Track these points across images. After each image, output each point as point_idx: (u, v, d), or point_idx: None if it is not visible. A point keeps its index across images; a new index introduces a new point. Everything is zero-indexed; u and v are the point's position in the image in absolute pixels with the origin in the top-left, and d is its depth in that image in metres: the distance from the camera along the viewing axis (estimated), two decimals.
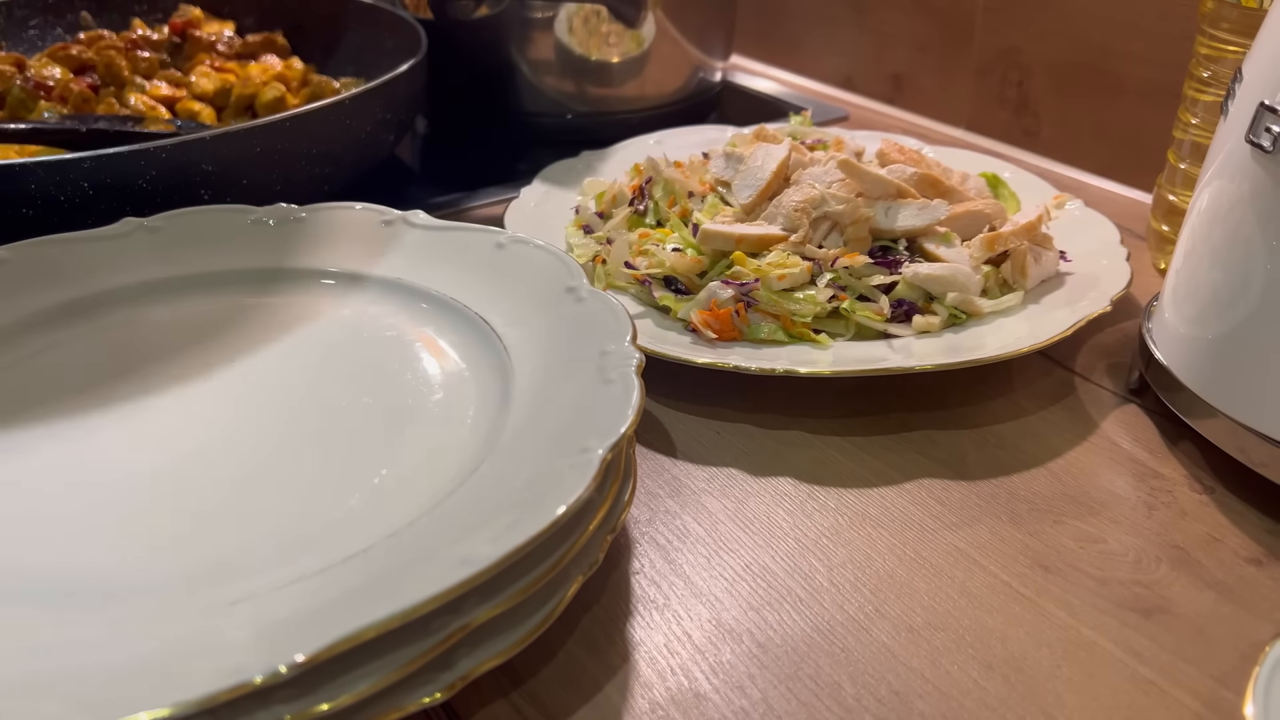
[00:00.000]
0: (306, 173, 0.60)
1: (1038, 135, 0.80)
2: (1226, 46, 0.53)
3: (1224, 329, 0.42)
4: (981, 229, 0.55)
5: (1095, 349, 0.54)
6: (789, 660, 0.35)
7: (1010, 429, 0.47)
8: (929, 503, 0.42)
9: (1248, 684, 0.31)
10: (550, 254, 0.47)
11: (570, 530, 0.33)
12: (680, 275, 0.52)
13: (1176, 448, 0.46)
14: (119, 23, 0.83)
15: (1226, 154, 0.42)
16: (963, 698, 0.33)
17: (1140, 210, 0.68)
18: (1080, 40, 0.75)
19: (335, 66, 0.81)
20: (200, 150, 0.54)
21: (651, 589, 0.38)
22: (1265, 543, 0.40)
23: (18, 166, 0.50)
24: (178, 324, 0.46)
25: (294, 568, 0.32)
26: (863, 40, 0.92)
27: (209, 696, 0.25)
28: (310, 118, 0.58)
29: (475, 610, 0.30)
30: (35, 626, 0.30)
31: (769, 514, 0.42)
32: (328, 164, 0.61)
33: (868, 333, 0.50)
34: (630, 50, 0.78)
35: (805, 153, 0.58)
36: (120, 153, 0.52)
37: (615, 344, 0.39)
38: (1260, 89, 0.40)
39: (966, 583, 0.38)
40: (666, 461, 0.45)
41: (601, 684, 0.34)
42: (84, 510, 0.36)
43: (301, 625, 0.28)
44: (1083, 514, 0.42)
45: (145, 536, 0.34)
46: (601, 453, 0.33)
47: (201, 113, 0.71)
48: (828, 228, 0.53)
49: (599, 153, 0.69)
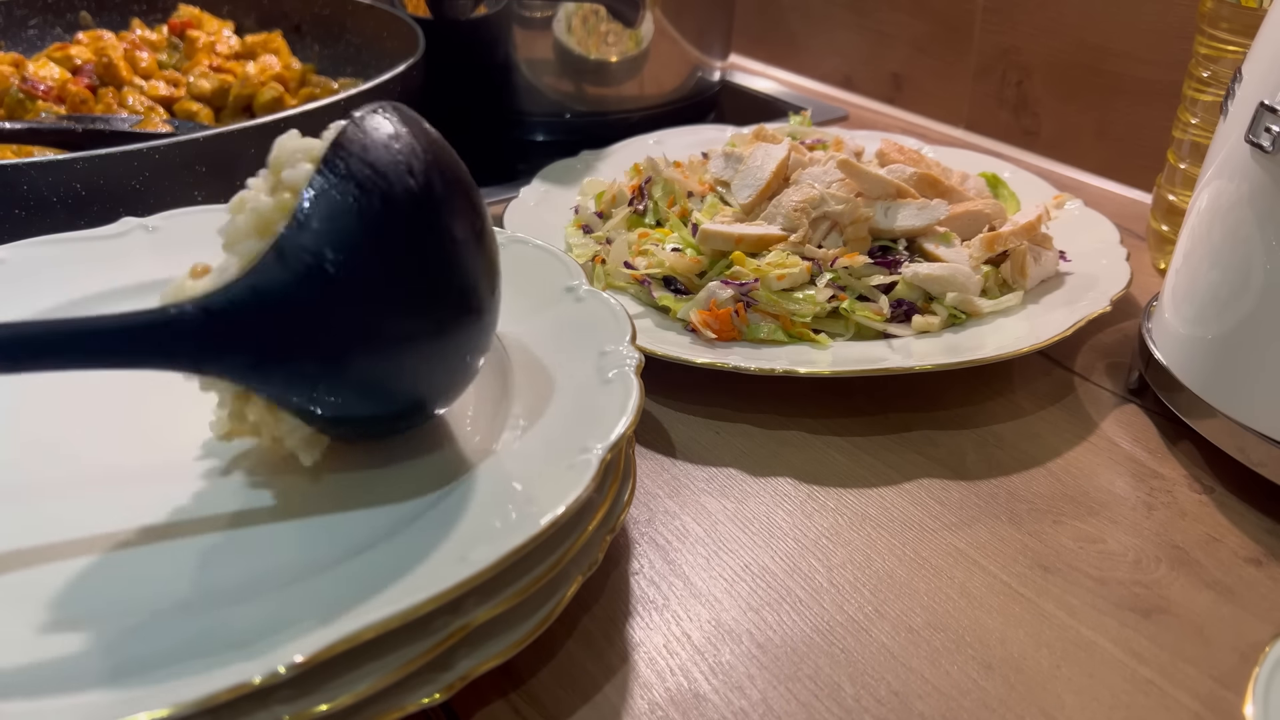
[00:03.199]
0: None
1: (1037, 135, 0.80)
2: (1226, 46, 0.53)
3: (1223, 329, 0.42)
4: (981, 229, 0.55)
5: (1095, 349, 0.54)
6: (788, 661, 0.35)
7: (1010, 429, 0.47)
8: (928, 503, 0.42)
9: (1247, 684, 0.31)
10: (549, 254, 0.46)
11: (569, 530, 0.33)
12: (679, 275, 0.52)
13: (1176, 448, 0.46)
14: (118, 23, 0.83)
15: (1226, 154, 0.42)
16: (962, 698, 0.33)
17: (1140, 210, 0.68)
18: (1080, 40, 0.75)
19: (334, 67, 0.81)
20: (194, 151, 0.53)
21: (651, 589, 0.38)
22: (1265, 543, 0.40)
23: (10, 167, 0.50)
24: None
25: (293, 567, 0.32)
26: (862, 40, 0.92)
27: (208, 697, 0.25)
28: (308, 118, 0.58)
29: (474, 610, 0.30)
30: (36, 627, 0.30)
31: (768, 514, 0.42)
32: None
33: (867, 333, 0.50)
34: (629, 50, 0.78)
35: (805, 152, 0.58)
36: (113, 154, 0.51)
37: (614, 344, 0.39)
38: (1260, 89, 0.40)
39: (966, 583, 0.38)
40: (666, 461, 0.45)
41: (600, 684, 0.34)
42: (84, 509, 0.35)
43: (301, 625, 0.28)
44: (1082, 514, 0.42)
45: (146, 534, 0.34)
46: (600, 453, 0.33)
47: (200, 113, 0.71)
48: (827, 228, 0.53)
49: (598, 152, 0.69)
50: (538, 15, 0.75)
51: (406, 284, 0.32)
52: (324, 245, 0.31)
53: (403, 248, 0.32)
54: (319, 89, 0.75)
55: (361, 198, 0.31)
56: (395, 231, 0.32)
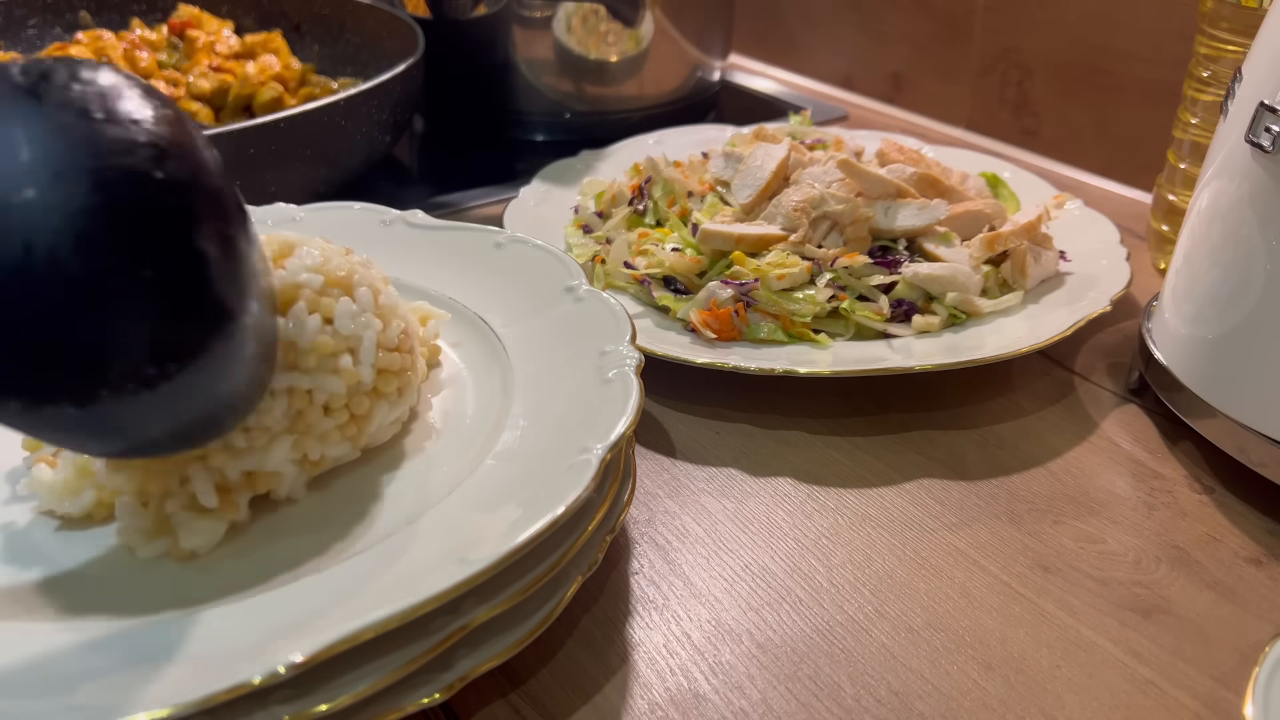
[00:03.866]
0: (301, 174, 0.60)
1: (1038, 135, 0.80)
2: (1226, 46, 0.53)
3: (1224, 329, 0.42)
4: (981, 229, 0.55)
5: (1095, 349, 0.53)
6: (788, 661, 0.35)
7: (1010, 429, 0.47)
8: (929, 503, 0.42)
9: (1247, 684, 0.31)
10: (549, 254, 0.46)
11: (569, 531, 0.33)
12: (679, 275, 0.52)
13: (1176, 448, 0.46)
14: (118, 22, 0.82)
15: (1226, 154, 0.42)
16: (962, 698, 0.33)
17: (1140, 210, 0.68)
18: (1080, 40, 0.75)
19: (334, 66, 0.81)
20: None
21: (651, 589, 0.38)
22: (1265, 543, 0.40)
23: None
24: None
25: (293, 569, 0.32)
26: (862, 40, 0.92)
27: (207, 697, 0.25)
28: (304, 119, 0.58)
29: (474, 611, 0.30)
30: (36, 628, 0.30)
31: (768, 514, 0.42)
32: (322, 165, 0.61)
33: (867, 333, 0.50)
34: (628, 49, 0.78)
35: (805, 152, 0.58)
36: None
37: (614, 344, 0.39)
38: (1260, 89, 0.40)
39: (966, 583, 0.38)
40: (666, 461, 0.45)
41: (600, 684, 0.34)
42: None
43: (300, 625, 0.28)
44: (1082, 514, 0.42)
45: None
46: (600, 453, 0.33)
47: (199, 113, 0.71)
48: (827, 227, 0.53)
49: (598, 152, 0.69)
50: (537, 15, 0.75)
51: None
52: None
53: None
54: (318, 89, 0.74)
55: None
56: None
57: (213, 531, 0.33)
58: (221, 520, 0.33)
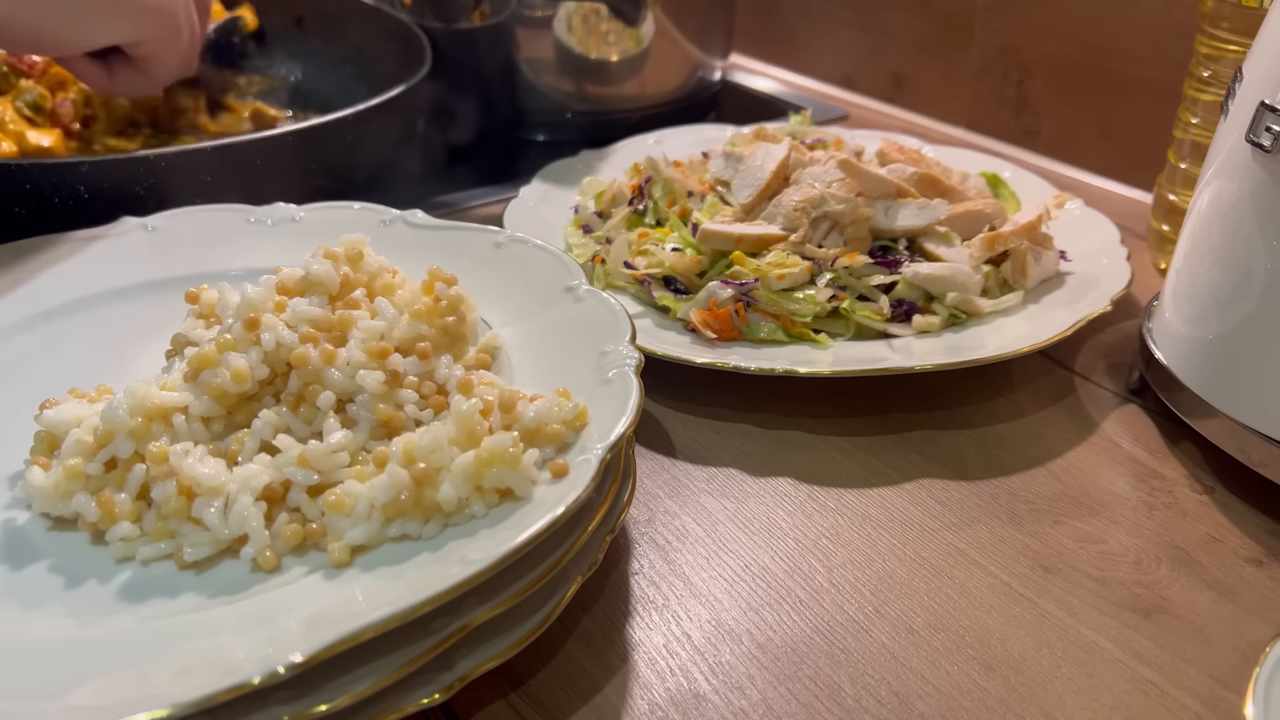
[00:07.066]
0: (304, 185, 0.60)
1: (1038, 135, 0.80)
2: (1227, 46, 0.53)
3: (1224, 329, 0.42)
4: (981, 229, 0.55)
5: (1095, 349, 0.53)
6: (788, 661, 0.35)
7: (1010, 429, 0.47)
8: (929, 503, 0.42)
9: (1248, 684, 0.31)
10: (549, 253, 0.46)
11: (569, 531, 0.33)
12: (679, 275, 0.52)
13: (1176, 448, 0.46)
14: None
15: (1227, 154, 0.42)
16: (963, 698, 0.33)
17: (1140, 210, 0.68)
18: (1080, 39, 0.75)
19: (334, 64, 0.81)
20: (200, 161, 0.54)
21: (651, 589, 0.38)
22: (1265, 543, 0.40)
23: (14, 165, 0.50)
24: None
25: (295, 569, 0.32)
26: (863, 39, 0.92)
27: (207, 697, 0.25)
28: (313, 133, 0.58)
29: (474, 611, 0.30)
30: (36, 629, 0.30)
31: (769, 514, 0.42)
32: (325, 178, 0.61)
33: (867, 332, 0.50)
34: (629, 49, 0.78)
35: (805, 152, 0.58)
36: (119, 159, 0.52)
37: (614, 344, 0.39)
38: (1260, 88, 0.40)
39: (966, 583, 0.38)
40: (666, 461, 0.45)
41: (600, 685, 0.34)
42: None
43: (300, 626, 0.28)
44: (1083, 514, 0.42)
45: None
46: (600, 453, 0.33)
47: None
48: (827, 227, 0.53)
49: (598, 152, 0.69)
50: (538, 15, 0.75)
51: None
52: None
53: None
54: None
55: None
56: None
57: (215, 543, 0.33)
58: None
